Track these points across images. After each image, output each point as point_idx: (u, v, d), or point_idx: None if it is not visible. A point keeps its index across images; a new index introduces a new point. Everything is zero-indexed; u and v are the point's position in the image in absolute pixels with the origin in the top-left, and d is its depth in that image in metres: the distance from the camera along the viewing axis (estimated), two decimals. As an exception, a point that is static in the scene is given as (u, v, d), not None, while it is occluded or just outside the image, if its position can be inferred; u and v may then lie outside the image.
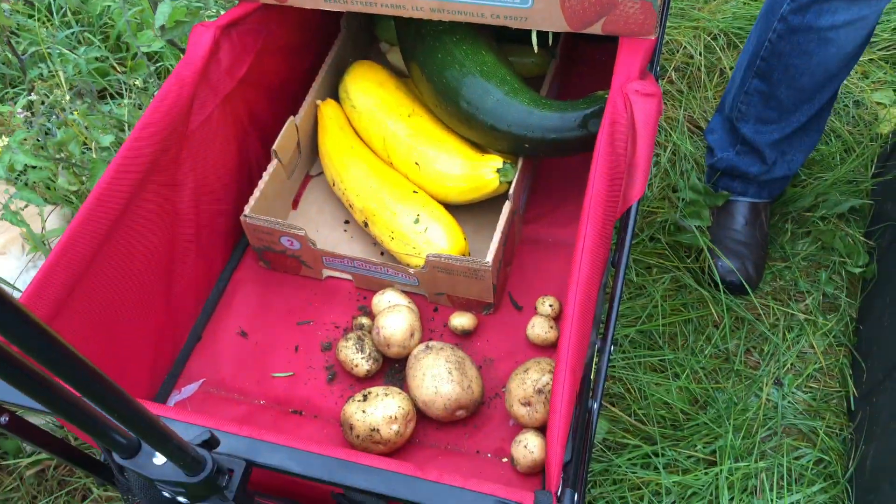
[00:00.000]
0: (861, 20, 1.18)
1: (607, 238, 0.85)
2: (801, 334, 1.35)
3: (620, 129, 0.89)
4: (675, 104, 1.67)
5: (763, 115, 1.34)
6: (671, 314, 1.34)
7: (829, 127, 1.61)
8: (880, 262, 1.34)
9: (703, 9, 1.82)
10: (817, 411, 1.27)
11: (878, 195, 1.47)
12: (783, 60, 1.26)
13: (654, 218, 1.45)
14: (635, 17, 0.98)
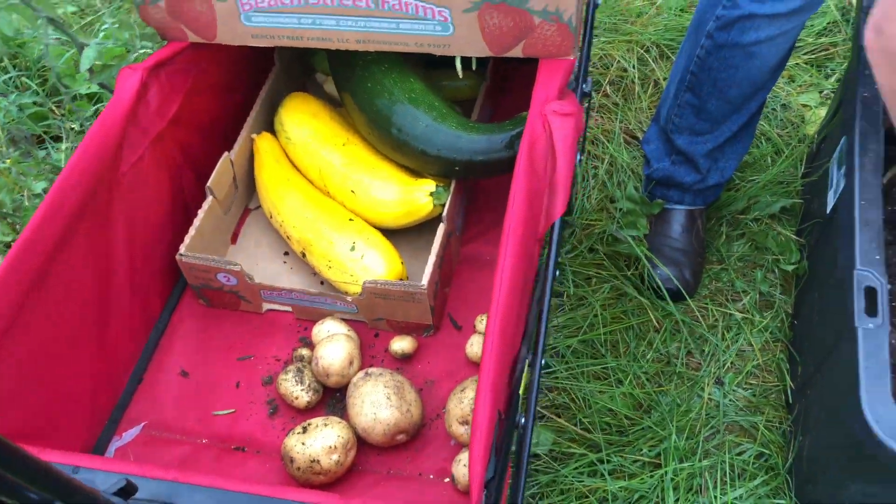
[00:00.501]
0: (783, 35, 1.23)
1: (530, 255, 0.88)
2: (739, 333, 1.39)
3: (539, 149, 0.93)
4: (611, 116, 1.72)
5: (695, 126, 1.39)
6: (612, 322, 1.37)
7: (760, 131, 1.66)
8: (810, 258, 1.39)
9: (636, 22, 1.87)
10: (757, 407, 1.31)
11: (807, 194, 1.52)
12: (712, 75, 1.31)
13: (593, 229, 1.49)
14: (553, 39, 1.02)
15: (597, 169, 1.63)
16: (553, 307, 1.39)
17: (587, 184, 1.60)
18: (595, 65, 1.78)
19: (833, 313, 1.11)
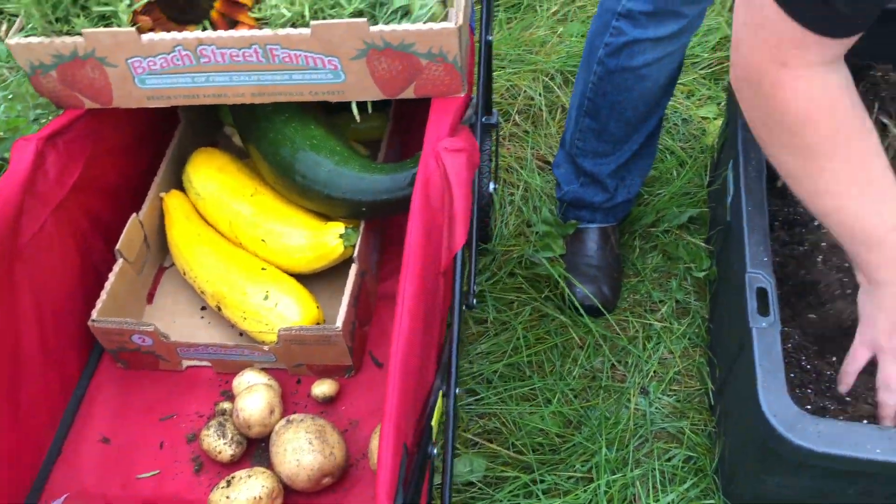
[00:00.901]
0: (668, 56, 1.30)
1: (433, 289, 0.91)
2: (659, 342, 1.44)
3: (434, 185, 0.96)
4: (522, 144, 1.77)
5: (598, 149, 1.45)
6: (536, 344, 1.41)
7: (664, 146, 1.73)
8: (718, 264, 1.45)
9: (540, 52, 1.94)
10: (682, 412, 1.35)
11: (712, 202, 1.59)
12: (607, 99, 1.37)
13: (511, 254, 1.53)
14: (441, 78, 1.06)
15: (513, 196, 1.67)
16: (476, 334, 1.42)
17: (504, 210, 1.64)
18: (503, 95, 1.84)
19: (737, 315, 1.16)
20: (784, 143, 0.89)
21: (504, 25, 1.99)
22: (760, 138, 0.92)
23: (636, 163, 1.48)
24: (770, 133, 0.90)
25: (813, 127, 0.86)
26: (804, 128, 0.86)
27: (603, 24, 1.30)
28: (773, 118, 0.88)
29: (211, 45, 1.02)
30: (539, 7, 2.02)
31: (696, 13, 1.22)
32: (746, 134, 1.18)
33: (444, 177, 0.97)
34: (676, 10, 1.20)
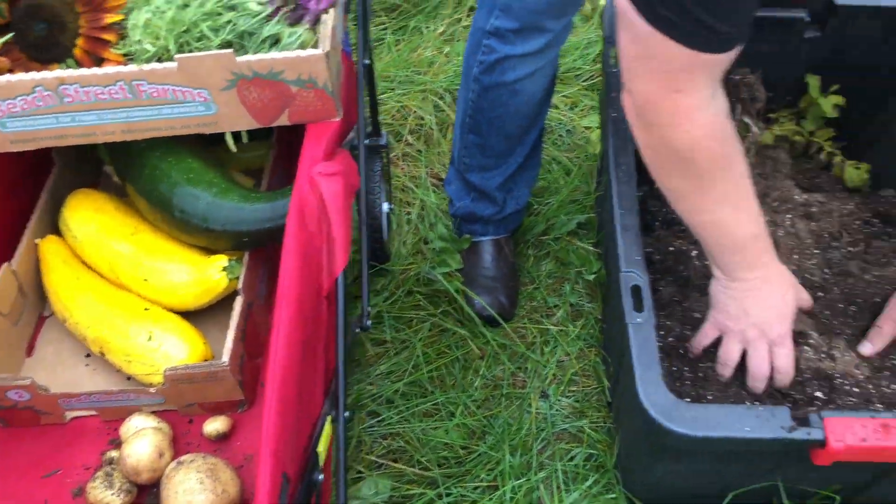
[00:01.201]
0: (539, 70, 1.35)
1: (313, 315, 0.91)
2: (556, 346, 1.48)
3: (310, 210, 0.96)
4: (416, 163, 1.80)
5: (484, 163, 1.49)
6: (437, 359, 1.43)
7: (550, 156, 1.79)
8: (606, 266, 1.50)
9: (428, 72, 1.97)
10: (582, 411, 1.39)
11: (599, 207, 1.65)
12: (486, 115, 1.41)
13: (409, 273, 1.55)
14: (314, 104, 1.07)
15: (409, 214, 1.69)
16: (375, 356, 1.43)
17: (402, 229, 1.66)
18: (394, 116, 1.86)
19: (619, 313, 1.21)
20: (676, 168, 0.96)
21: (392, 48, 2.02)
22: (652, 163, 0.98)
23: (522, 175, 1.53)
24: (663, 159, 0.96)
25: (704, 153, 0.93)
26: (697, 154, 0.93)
27: (475, 43, 1.34)
28: (668, 146, 0.93)
29: (74, 83, 1.00)
30: (426, 28, 2.06)
31: (561, 28, 1.27)
32: (616, 140, 1.24)
33: (319, 201, 0.97)
34: (541, 26, 1.25)
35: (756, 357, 1.07)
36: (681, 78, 0.86)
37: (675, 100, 0.88)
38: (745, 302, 1.05)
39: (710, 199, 0.97)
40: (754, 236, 1.00)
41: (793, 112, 1.51)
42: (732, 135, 0.94)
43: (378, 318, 1.46)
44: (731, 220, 0.99)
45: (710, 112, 0.90)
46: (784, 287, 1.05)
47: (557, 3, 1.20)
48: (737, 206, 0.98)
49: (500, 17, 1.26)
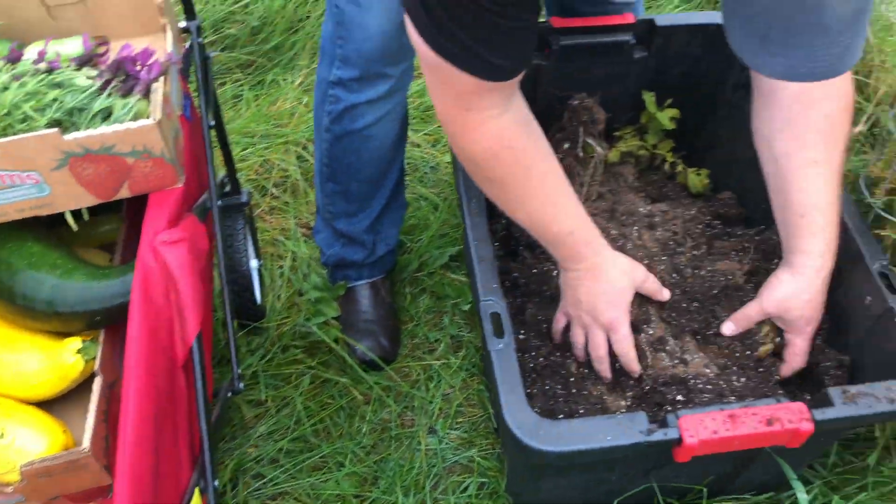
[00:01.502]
0: (388, 114, 1.38)
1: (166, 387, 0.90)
2: (440, 380, 1.50)
3: (155, 281, 0.95)
4: (285, 215, 1.79)
5: (348, 209, 1.50)
6: (320, 411, 1.42)
7: (418, 194, 1.82)
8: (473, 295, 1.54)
9: (289, 124, 1.98)
10: (471, 441, 1.41)
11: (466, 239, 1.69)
12: (342, 162, 1.43)
13: (284, 328, 1.53)
14: (154, 173, 1.06)
15: (282, 268, 1.68)
16: (254, 417, 1.40)
17: (274, 284, 1.65)
18: (257, 171, 1.86)
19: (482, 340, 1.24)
20: (478, 172, 1.07)
21: (251, 103, 2.02)
22: (467, 170, 1.09)
23: (388, 216, 1.55)
24: (467, 165, 1.07)
25: (499, 161, 1.03)
26: (492, 162, 1.03)
27: (321, 94, 1.36)
28: (467, 156, 1.04)
29: None
30: (283, 81, 2.07)
31: (401, 72, 1.31)
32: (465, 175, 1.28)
33: (165, 271, 0.96)
34: (381, 73, 1.28)
35: (591, 342, 1.16)
36: (469, 99, 0.96)
37: (465, 116, 0.98)
38: (578, 291, 1.14)
39: (517, 200, 1.07)
40: (570, 232, 1.09)
41: (635, 128, 1.60)
42: (529, 142, 1.04)
43: (254, 379, 1.44)
44: (543, 218, 1.08)
45: (501, 124, 0.99)
46: (614, 275, 1.12)
47: (392, 50, 1.24)
48: (545, 205, 1.07)
49: (341, 68, 1.29)
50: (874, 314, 1.14)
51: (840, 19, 0.72)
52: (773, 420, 0.99)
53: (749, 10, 0.70)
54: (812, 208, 1.07)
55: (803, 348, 1.17)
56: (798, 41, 0.71)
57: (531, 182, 1.05)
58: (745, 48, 0.72)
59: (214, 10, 2.09)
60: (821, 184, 1.06)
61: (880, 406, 1.01)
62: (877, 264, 1.15)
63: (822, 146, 1.04)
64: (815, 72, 0.74)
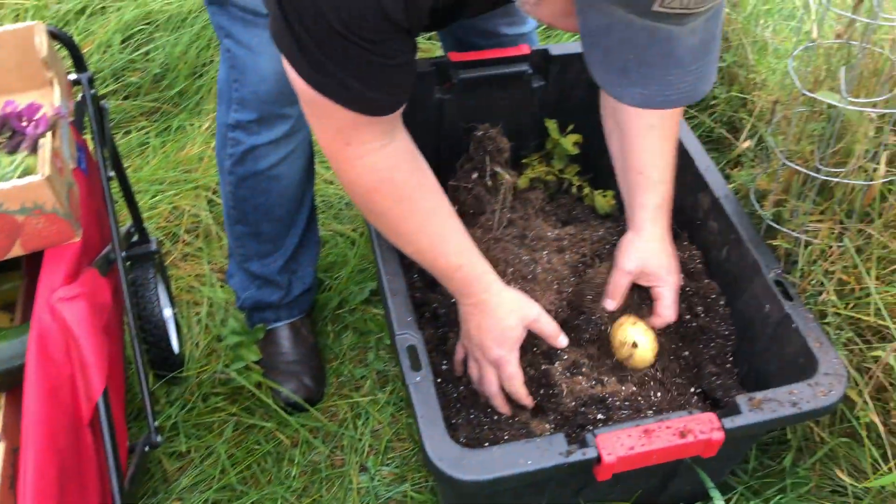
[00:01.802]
0: (292, 153, 1.37)
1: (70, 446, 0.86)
2: (368, 417, 1.48)
3: (53, 339, 0.92)
4: (198, 261, 1.76)
5: (260, 251, 1.48)
6: (246, 457, 1.38)
7: (334, 231, 1.81)
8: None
9: (198, 168, 1.94)
10: (403, 476, 1.40)
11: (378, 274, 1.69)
12: (250, 203, 1.41)
13: (204, 376, 1.50)
14: (48, 229, 1.03)
15: (198, 315, 1.64)
16: (177, 470, 1.36)
17: (191, 332, 1.61)
18: (167, 218, 1.82)
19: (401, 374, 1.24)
20: (364, 207, 1.09)
21: (158, 150, 1.98)
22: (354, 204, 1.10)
23: (303, 254, 1.54)
24: (353, 199, 1.09)
25: (380, 194, 1.05)
26: (373, 195, 1.05)
27: (222, 138, 1.35)
28: (351, 189, 1.06)
29: None
30: (190, 126, 2.04)
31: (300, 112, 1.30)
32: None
33: (63, 328, 0.93)
34: (279, 113, 1.28)
35: (482, 378, 1.17)
36: (349, 133, 0.98)
37: (345, 151, 1.00)
38: (469, 325, 1.15)
39: (404, 235, 1.09)
40: (457, 267, 1.10)
41: (541, 155, 1.64)
42: (411, 176, 1.05)
43: (174, 430, 1.40)
44: (430, 253, 1.10)
45: (381, 157, 1.01)
46: (502, 313, 1.12)
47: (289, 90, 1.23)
48: (431, 240, 1.09)
49: (239, 111, 1.28)
50: (774, 321, 1.19)
51: (690, 50, 0.76)
52: (686, 432, 1.02)
53: (606, 42, 0.73)
54: (648, 166, 1.17)
55: (672, 299, 1.22)
56: (654, 73, 0.75)
57: (416, 217, 1.07)
58: (605, 80, 0.75)
59: (114, 59, 2.05)
60: (657, 145, 1.17)
61: (784, 410, 1.06)
62: (772, 273, 1.20)
63: (659, 114, 1.15)
64: (669, 100, 0.77)
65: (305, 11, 0.85)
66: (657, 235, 1.20)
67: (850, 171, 1.13)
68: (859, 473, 1.30)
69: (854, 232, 1.20)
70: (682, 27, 0.74)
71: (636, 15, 0.73)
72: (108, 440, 0.91)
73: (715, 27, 0.80)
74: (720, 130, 1.73)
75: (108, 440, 0.91)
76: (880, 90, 1.07)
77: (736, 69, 1.68)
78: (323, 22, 0.85)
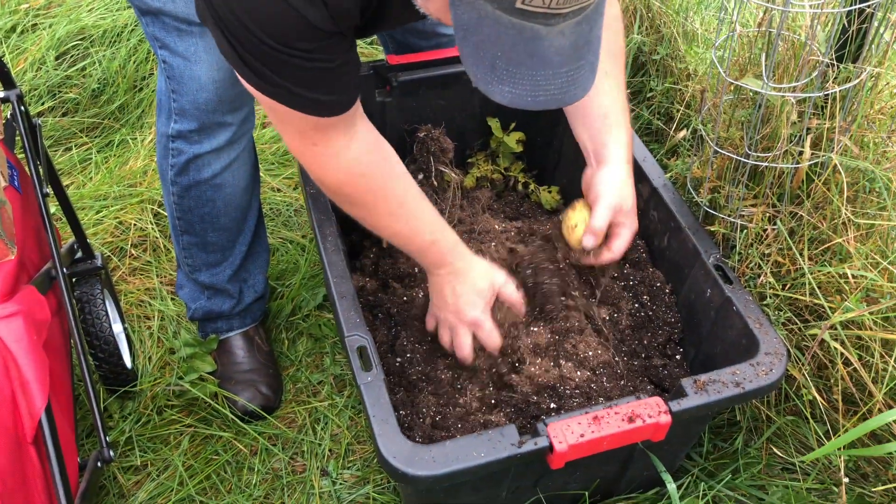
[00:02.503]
0: (236, 160, 1.36)
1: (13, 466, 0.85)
2: (327, 421, 1.48)
3: (-8, 360, 0.90)
4: (148, 275, 1.73)
5: (209, 260, 1.47)
6: (205, 468, 1.37)
7: (284, 238, 1.81)
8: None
9: (143, 183, 1.92)
10: (364, 478, 1.40)
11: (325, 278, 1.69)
12: (195, 213, 1.40)
13: (157, 390, 1.48)
14: (-14, 248, 1.01)
15: (150, 328, 1.63)
16: (134, 484, 1.34)
17: (144, 346, 1.59)
18: (113, 234, 1.79)
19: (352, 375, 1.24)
20: (339, 201, 1.14)
21: (101, 166, 1.95)
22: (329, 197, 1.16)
23: (253, 262, 1.53)
24: (328, 195, 1.14)
25: (354, 189, 1.09)
26: (347, 190, 1.10)
27: (163, 149, 1.34)
28: (325, 187, 1.11)
29: None
30: (132, 140, 2.01)
31: (241, 119, 1.31)
32: (317, 214, 1.29)
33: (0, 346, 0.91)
34: (220, 121, 1.28)
35: (456, 342, 1.22)
36: (312, 135, 1.01)
37: (314, 151, 1.03)
38: (444, 292, 1.19)
39: (380, 222, 1.14)
40: (432, 242, 1.15)
41: (487, 154, 1.66)
42: (381, 168, 1.10)
43: (129, 444, 1.38)
44: (406, 233, 1.15)
45: (350, 155, 1.05)
46: (474, 276, 1.18)
47: (228, 97, 1.24)
48: (407, 222, 1.14)
49: (179, 121, 1.27)
50: (715, 305, 1.23)
51: (559, 52, 0.76)
52: (634, 417, 1.05)
53: (477, 37, 0.75)
54: (611, 109, 1.20)
55: (629, 240, 1.23)
56: (521, 72, 0.75)
57: (389, 204, 1.11)
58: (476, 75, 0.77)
59: (49, 76, 2.02)
60: (615, 90, 1.20)
61: (728, 391, 1.09)
62: (711, 258, 1.24)
63: (612, 61, 1.18)
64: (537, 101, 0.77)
65: (237, 30, 0.88)
66: (627, 173, 1.22)
67: (777, 155, 1.17)
68: (807, 450, 1.34)
69: (786, 214, 1.24)
70: (549, 27, 0.75)
71: (503, 12, 0.73)
72: (54, 456, 0.90)
73: (589, 32, 0.79)
74: (658, 122, 1.77)
75: (53, 456, 0.90)
76: (799, 75, 1.11)
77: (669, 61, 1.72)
78: (255, 39, 0.87)
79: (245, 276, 1.53)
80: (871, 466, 1.31)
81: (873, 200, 1.23)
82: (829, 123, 1.15)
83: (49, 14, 2.17)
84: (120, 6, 2.21)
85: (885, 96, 1.27)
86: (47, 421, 0.91)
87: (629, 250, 1.39)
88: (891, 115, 1.25)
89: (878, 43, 1.13)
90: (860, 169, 1.19)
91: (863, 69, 1.12)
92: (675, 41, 1.71)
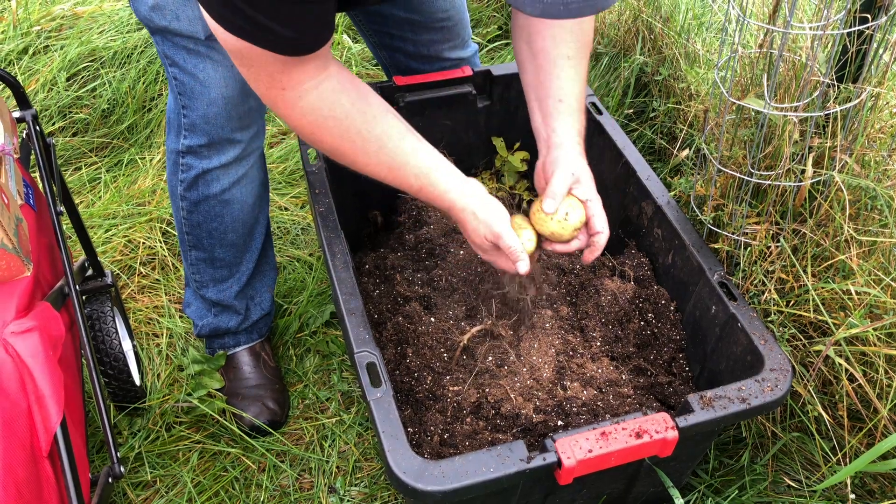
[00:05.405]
0: (244, 177, 1.39)
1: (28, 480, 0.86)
2: (335, 438, 1.49)
3: (7, 373, 0.91)
4: (157, 293, 1.75)
5: (216, 276, 1.49)
6: (214, 484, 1.38)
7: (291, 256, 1.83)
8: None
9: (151, 202, 1.94)
10: (373, 495, 1.40)
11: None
12: (204, 228, 1.42)
13: (166, 406, 1.49)
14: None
15: (159, 346, 1.64)
16: (143, 501, 1.35)
17: (153, 363, 1.60)
18: (122, 252, 1.81)
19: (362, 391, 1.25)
20: (317, 146, 1.11)
21: (110, 185, 1.98)
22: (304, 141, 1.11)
23: (260, 279, 1.55)
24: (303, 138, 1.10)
25: (327, 131, 1.07)
26: (320, 134, 1.07)
27: (173, 164, 1.36)
28: (299, 132, 1.08)
29: None
30: (141, 160, 2.04)
31: (249, 137, 1.33)
32: (326, 232, 1.31)
33: (17, 362, 0.93)
34: (229, 138, 1.30)
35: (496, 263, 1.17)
36: (280, 78, 0.99)
37: (283, 95, 1.01)
38: (466, 230, 1.14)
39: (363, 165, 1.10)
40: (419, 188, 1.11)
41: (492, 173, 1.68)
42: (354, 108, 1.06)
43: (138, 460, 1.39)
44: (391, 179, 1.11)
45: (318, 95, 1.02)
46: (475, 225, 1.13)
47: (237, 114, 1.26)
48: (390, 168, 1.10)
49: (189, 136, 1.29)
50: (720, 322, 1.24)
51: None
52: (641, 432, 1.05)
53: None
54: (568, 94, 1.19)
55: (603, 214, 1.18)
56: None
57: (369, 146, 1.07)
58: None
59: (60, 97, 2.05)
60: (574, 75, 1.19)
61: (734, 406, 1.09)
62: (715, 275, 1.25)
63: (575, 45, 1.18)
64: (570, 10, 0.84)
65: None
66: (581, 154, 1.20)
67: (780, 173, 1.18)
68: (812, 466, 1.34)
69: (789, 232, 1.25)
70: None
71: None
72: (69, 469, 0.91)
73: None
74: (661, 141, 1.80)
75: (67, 470, 0.91)
76: (800, 95, 1.13)
77: (671, 82, 1.75)
78: None
79: (252, 293, 1.54)
80: (877, 483, 1.32)
81: (875, 218, 1.24)
82: (830, 142, 1.17)
83: (61, 36, 2.21)
84: (130, 28, 2.24)
85: (885, 115, 1.29)
86: (62, 436, 0.92)
87: (634, 268, 1.40)
88: (891, 134, 1.27)
89: (878, 63, 1.15)
90: (862, 187, 1.20)
91: (863, 89, 1.15)
92: (677, 62, 1.74)
